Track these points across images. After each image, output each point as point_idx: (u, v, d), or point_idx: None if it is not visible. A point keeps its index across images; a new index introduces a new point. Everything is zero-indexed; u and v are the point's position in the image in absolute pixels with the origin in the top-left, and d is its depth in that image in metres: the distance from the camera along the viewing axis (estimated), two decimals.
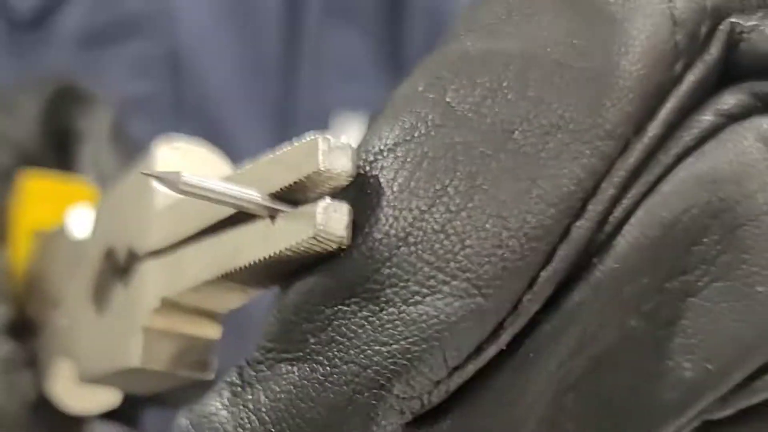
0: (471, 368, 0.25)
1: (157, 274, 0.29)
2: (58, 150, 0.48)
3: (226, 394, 0.25)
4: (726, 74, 0.26)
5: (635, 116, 0.25)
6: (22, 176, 0.44)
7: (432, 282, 0.24)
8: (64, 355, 0.37)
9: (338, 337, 0.24)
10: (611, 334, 0.25)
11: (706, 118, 0.25)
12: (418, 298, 0.24)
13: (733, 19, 0.26)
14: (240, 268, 0.26)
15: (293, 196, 0.25)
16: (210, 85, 0.59)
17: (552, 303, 0.25)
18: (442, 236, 0.24)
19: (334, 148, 0.24)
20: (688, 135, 0.25)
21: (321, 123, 0.59)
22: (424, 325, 0.24)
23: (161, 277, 0.29)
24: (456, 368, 0.24)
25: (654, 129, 0.25)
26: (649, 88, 0.25)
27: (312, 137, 0.24)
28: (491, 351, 0.24)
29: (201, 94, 0.59)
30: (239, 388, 0.25)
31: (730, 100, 0.26)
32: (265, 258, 0.25)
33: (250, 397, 0.25)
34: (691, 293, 0.25)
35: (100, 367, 0.33)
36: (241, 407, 0.25)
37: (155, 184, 0.29)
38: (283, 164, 0.25)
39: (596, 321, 0.25)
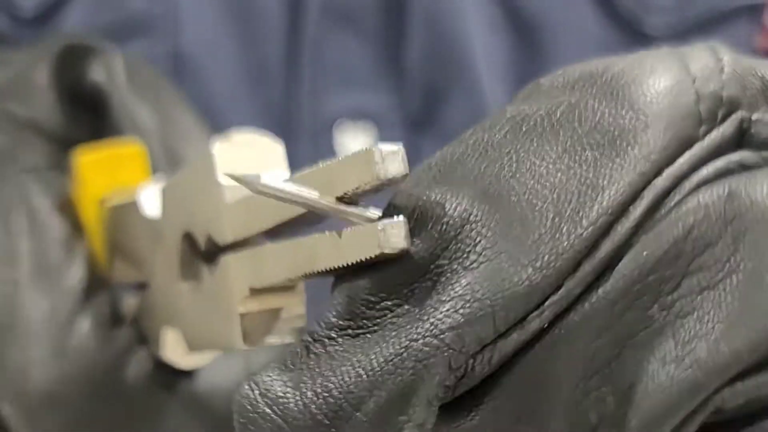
0: (514, 338, 0.28)
1: (241, 266, 0.33)
2: (83, 111, 0.49)
3: (292, 366, 0.29)
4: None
5: (668, 152, 0.30)
6: (72, 156, 0.46)
7: (488, 252, 0.28)
8: (168, 325, 0.40)
9: (413, 308, 0.28)
10: (634, 320, 0.29)
11: (723, 162, 0.31)
12: (475, 264, 0.28)
13: (743, 112, 0.32)
14: (316, 272, 0.30)
15: (356, 197, 0.29)
16: (212, 88, 0.59)
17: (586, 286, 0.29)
18: (498, 216, 0.29)
19: (387, 155, 0.28)
20: (706, 171, 0.30)
21: (323, 128, 0.59)
22: (477, 286, 0.28)
23: (246, 270, 0.33)
24: (501, 335, 0.28)
25: (680, 166, 0.30)
26: (679, 135, 0.30)
27: (366, 148, 0.28)
28: (534, 324, 0.28)
29: (203, 96, 0.59)
30: (305, 363, 0.29)
31: (744, 155, 0.31)
32: (337, 266, 0.29)
33: (317, 370, 0.28)
34: (708, 287, 0.29)
35: (205, 343, 0.37)
36: (308, 382, 0.28)
37: (222, 180, 0.34)
38: (344, 172, 0.29)
39: (622, 305, 0.29)
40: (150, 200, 0.41)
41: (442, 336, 0.28)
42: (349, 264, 0.29)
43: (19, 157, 0.46)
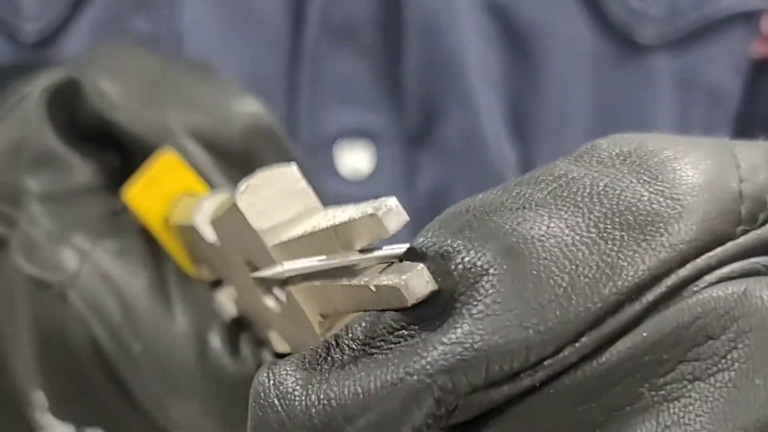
0: (504, 390, 0.29)
1: (305, 298, 0.36)
2: (106, 143, 0.49)
3: (308, 365, 0.31)
4: None
5: (696, 244, 0.31)
6: (122, 195, 0.48)
7: (497, 307, 0.29)
8: (269, 329, 0.42)
9: (419, 342, 0.30)
10: (624, 394, 0.30)
11: (751, 263, 0.31)
12: (481, 315, 0.29)
13: None
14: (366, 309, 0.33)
15: (371, 245, 0.32)
16: None
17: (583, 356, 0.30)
18: (515, 275, 0.30)
19: (385, 216, 0.31)
20: (731, 268, 0.31)
21: (322, 146, 0.60)
22: (478, 336, 0.29)
23: (311, 301, 0.35)
24: (492, 384, 0.29)
25: (707, 260, 0.31)
26: (713, 230, 0.31)
27: (366, 213, 0.31)
28: (526, 381, 0.29)
29: None
30: (320, 366, 0.31)
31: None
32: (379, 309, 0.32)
33: (326, 376, 0.30)
34: (700, 378, 0.30)
35: (300, 350, 0.39)
36: (315, 386, 0.30)
37: (257, 228, 0.36)
38: (354, 231, 0.32)
39: (614, 378, 0.29)
40: (207, 226, 0.42)
41: (435, 376, 0.29)
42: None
43: (95, 225, 0.47)
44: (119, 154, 0.49)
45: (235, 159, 0.48)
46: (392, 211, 0.31)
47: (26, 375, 0.48)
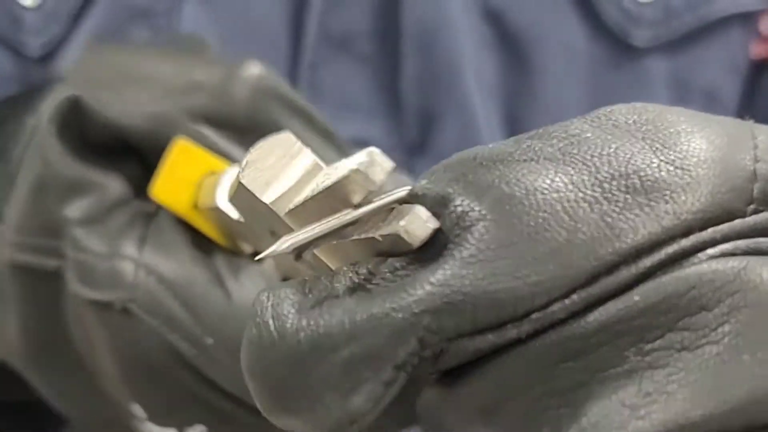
0: (490, 339, 0.29)
1: (328, 256, 0.35)
2: (129, 151, 0.50)
3: (307, 291, 0.31)
4: None
5: (702, 216, 0.30)
6: (149, 193, 0.48)
7: (489, 254, 0.29)
8: None
9: (410, 281, 0.30)
10: (609, 356, 0.29)
11: (756, 242, 0.31)
12: (472, 260, 0.29)
13: None
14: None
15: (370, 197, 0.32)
16: None
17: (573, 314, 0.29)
18: (512, 224, 0.29)
19: (371, 165, 0.31)
20: (735, 245, 0.30)
21: None
22: (467, 281, 0.29)
23: (334, 258, 0.35)
24: (478, 331, 0.29)
25: (712, 233, 0.30)
26: (722, 205, 0.30)
27: (353, 169, 0.31)
28: (512, 333, 0.29)
29: None
30: (317, 293, 0.31)
31: None
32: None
33: (320, 304, 0.30)
34: (688, 348, 0.29)
35: None
36: (308, 311, 0.30)
37: (266, 200, 0.36)
38: (348, 188, 0.32)
39: (600, 339, 0.29)
40: (228, 205, 0.43)
41: (420, 316, 0.29)
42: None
43: (136, 232, 0.48)
44: (138, 159, 0.50)
45: (246, 128, 0.48)
46: (375, 162, 0.31)
47: (119, 392, 0.49)
